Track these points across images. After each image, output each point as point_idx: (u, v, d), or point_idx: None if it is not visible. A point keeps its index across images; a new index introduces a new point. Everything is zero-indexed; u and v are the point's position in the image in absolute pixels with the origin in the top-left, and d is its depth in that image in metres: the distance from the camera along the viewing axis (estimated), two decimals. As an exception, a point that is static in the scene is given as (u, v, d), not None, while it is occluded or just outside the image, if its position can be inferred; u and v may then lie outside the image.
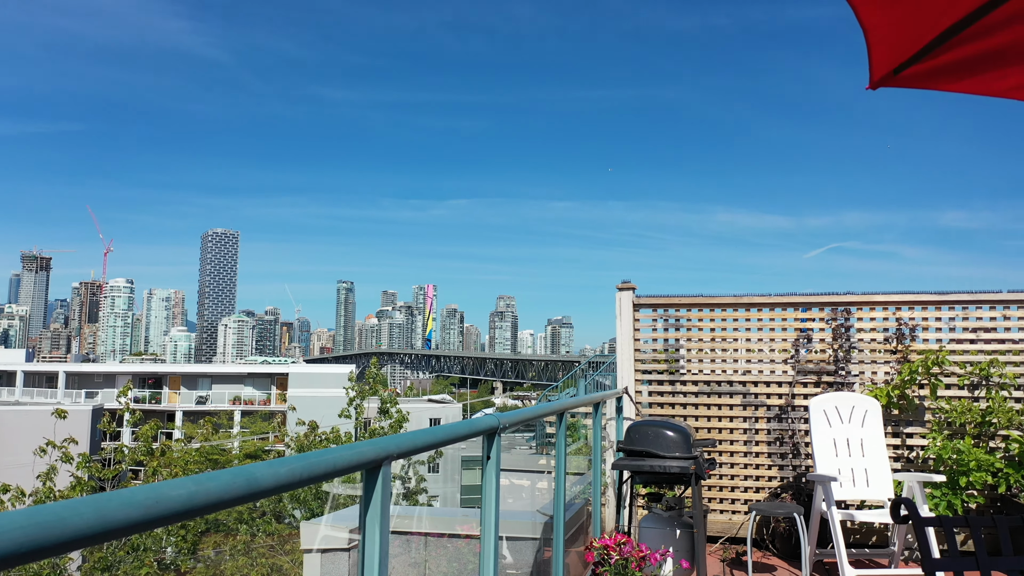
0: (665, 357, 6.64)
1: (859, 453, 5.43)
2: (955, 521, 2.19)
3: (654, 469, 4.36)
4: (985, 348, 6.09)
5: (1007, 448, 5.82)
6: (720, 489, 6.41)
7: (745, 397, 6.45)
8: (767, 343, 6.47)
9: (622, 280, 6.70)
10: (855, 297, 6.34)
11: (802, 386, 6.35)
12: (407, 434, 2.07)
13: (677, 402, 6.56)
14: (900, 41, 2.00)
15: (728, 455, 6.42)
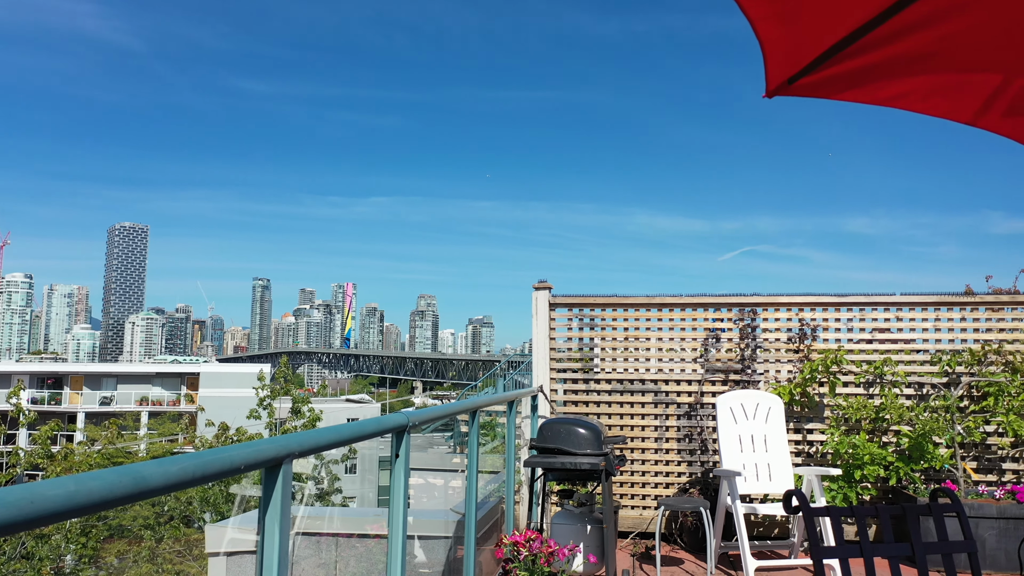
0: (580, 356, 6.74)
1: (763, 448, 5.63)
2: (841, 511, 2.31)
3: (565, 466, 4.42)
4: (880, 348, 6.41)
5: (898, 443, 6.14)
6: (632, 485, 6.55)
7: (656, 395, 6.60)
8: (678, 342, 6.64)
9: (539, 280, 6.76)
10: (761, 298, 6.57)
11: (711, 384, 6.55)
12: (310, 432, 2.04)
13: (591, 400, 6.67)
14: (793, 54, 2.09)
15: (640, 452, 6.56)
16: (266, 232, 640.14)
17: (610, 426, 6.61)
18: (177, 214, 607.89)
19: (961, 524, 2.40)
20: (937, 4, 2.06)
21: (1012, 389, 6.01)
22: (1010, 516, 5.48)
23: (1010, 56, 2.28)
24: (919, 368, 6.33)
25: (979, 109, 2.41)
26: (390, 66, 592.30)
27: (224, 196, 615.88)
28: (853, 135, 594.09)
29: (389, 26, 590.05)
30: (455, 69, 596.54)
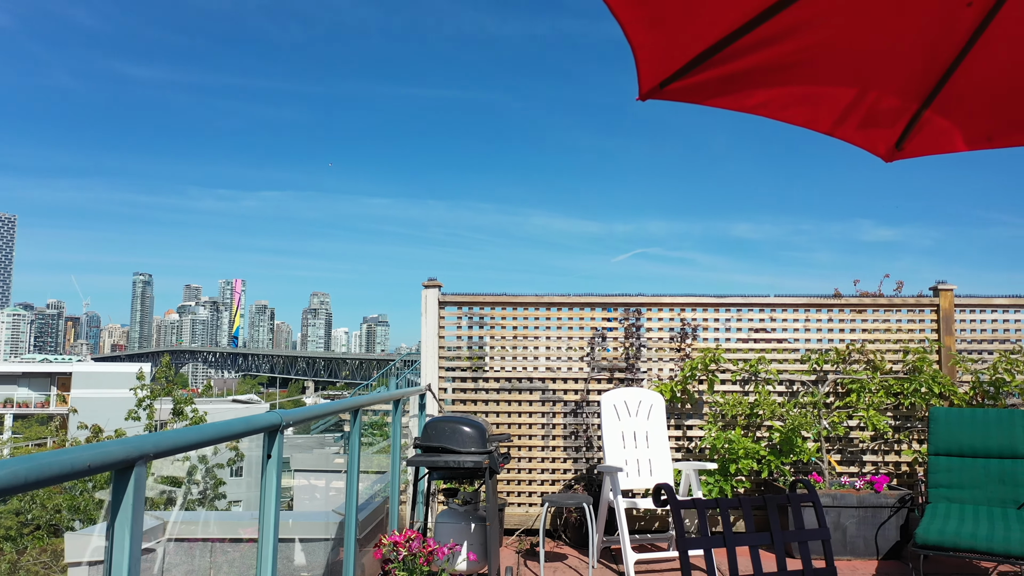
0: (469, 354, 6.74)
1: (644, 445, 5.79)
2: (707, 504, 2.39)
3: (448, 465, 4.41)
4: (755, 347, 6.71)
5: (770, 437, 6.44)
6: (519, 483, 6.60)
7: (544, 393, 6.68)
8: (566, 341, 6.74)
9: (428, 278, 6.72)
10: (645, 299, 6.76)
11: (596, 382, 6.68)
12: (167, 432, 1.94)
13: (480, 399, 6.68)
14: (664, 58, 2.15)
15: (527, 449, 6.62)
16: (149, 225, 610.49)
17: (498, 424, 6.64)
18: (49, 204, 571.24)
19: (816, 513, 2.54)
20: (797, 17, 2.16)
21: (872, 386, 6.41)
22: (868, 505, 5.84)
23: (864, 70, 2.42)
24: (790, 366, 6.67)
25: (836, 120, 2.55)
26: (285, 57, 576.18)
27: (103, 186, 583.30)
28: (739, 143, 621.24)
29: (284, 15, 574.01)
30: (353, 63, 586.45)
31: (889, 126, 2.61)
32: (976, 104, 2.50)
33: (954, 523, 4.82)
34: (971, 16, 2.24)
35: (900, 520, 5.86)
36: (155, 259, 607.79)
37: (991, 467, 5.39)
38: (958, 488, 5.41)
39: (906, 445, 6.58)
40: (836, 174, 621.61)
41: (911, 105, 2.54)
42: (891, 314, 6.74)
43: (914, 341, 6.65)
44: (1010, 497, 5.24)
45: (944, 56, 2.37)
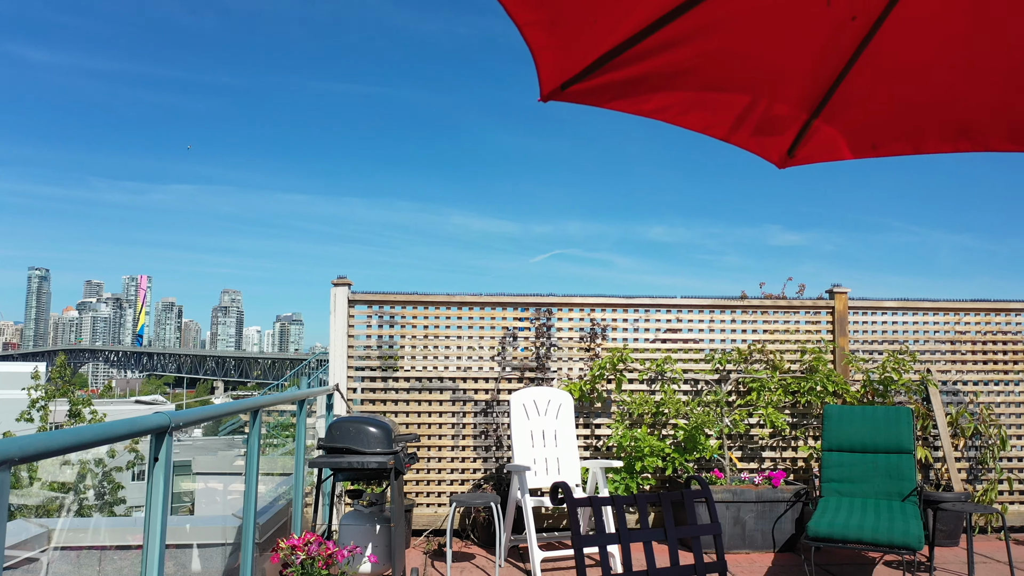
0: (379, 354, 6.66)
1: (553, 443, 5.84)
2: (602, 501, 2.42)
3: (352, 466, 4.33)
4: (662, 347, 6.86)
5: (675, 435, 6.60)
6: (428, 483, 6.56)
7: (455, 393, 6.66)
8: (477, 340, 6.74)
9: (338, 275, 6.60)
10: (556, 299, 6.82)
11: (507, 382, 6.70)
12: (38, 435, 1.83)
13: (390, 398, 6.60)
14: (563, 60, 2.16)
15: (437, 449, 6.59)
16: (47, 217, 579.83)
17: (408, 424, 6.58)
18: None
19: (709, 509, 2.60)
20: (694, 24, 2.21)
21: (772, 385, 6.65)
22: (766, 499, 6.05)
23: (757, 78, 2.50)
24: (696, 366, 6.85)
25: (732, 126, 2.62)
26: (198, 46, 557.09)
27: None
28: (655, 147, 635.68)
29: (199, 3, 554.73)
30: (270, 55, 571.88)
31: (781, 133, 2.70)
32: (861, 114, 2.61)
33: (843, 516, 5.04)
34: (855, 30, 2.34)
35: (795, 514, 6.10)
36: (53, 253, 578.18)
37: (879, 462, 5.67)
38: (848, 482, 5.66)
39: (802, 442, 6.85)
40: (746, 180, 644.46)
41: (801, 114, 2.63)
42: (790, 316, 7.00)
43: (811, 342, 6.93)
44: (895, 490, 5.51)
45: (831, 67, 2.47)
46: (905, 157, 2.78)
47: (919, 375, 6.88)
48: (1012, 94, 2.42)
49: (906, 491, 5.47)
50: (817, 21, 2.29)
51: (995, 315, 7.13)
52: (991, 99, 2.45)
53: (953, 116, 2.55)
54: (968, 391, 7.00)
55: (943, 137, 2.63)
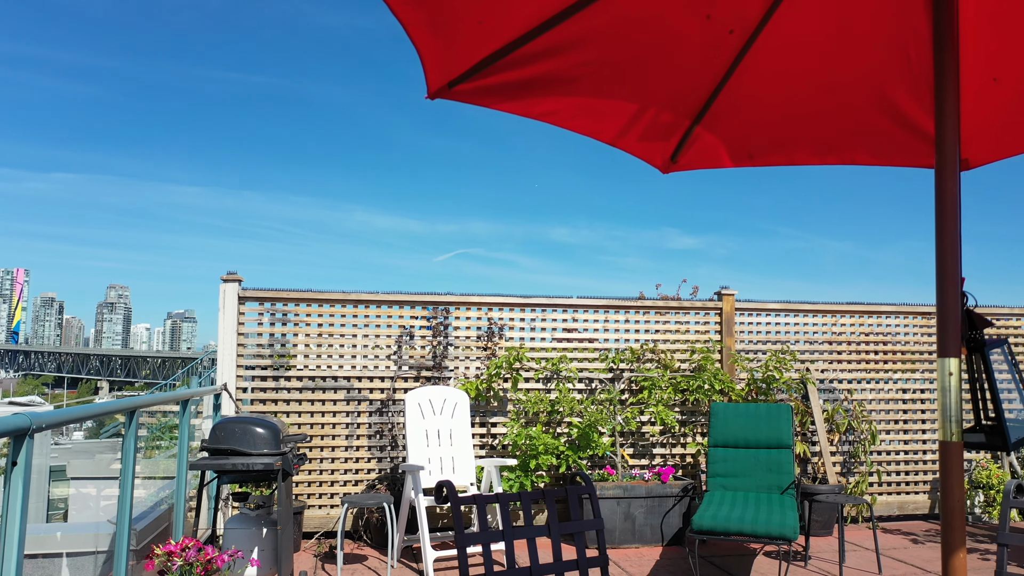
0: (271, 352, 6.48)
1: (448, 443, 5.83)
2: (486, 499, 2.44)
3: (237, 467, 4.20)
4: (558, 346, 6.96)
5: (569, 433, 6.71)
6: (320, 484, 6.43)
7: (350, 392, 6.55)
8: (373, 339, 6.65)
9: (228, 271, 6.39)
10: (454, 297, 6.81)
11: (404, 381, 6.65)
12: None
13: (281, 398, 6.44)
14: (449, 60, 2.16)
15: (330, 450, 6.47)
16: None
17: (300, 425, 6.44)
18: None
19: (592, 505, 2.66)
20: (580, 31, 2.25)
21: (662, 383, 6.85)
22: (656, 495, 6.23)
23: (642, 85, 2.56)
24: (590, 365, 6.98)
25: (619, 132, 2.68)
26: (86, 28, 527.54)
27: None
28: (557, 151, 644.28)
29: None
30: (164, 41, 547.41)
31: (665, 140, 2.78)
32: (738, 124, 2.72)
33: (726, 509, 5.25)
34: (733, 43, 2.44)
35: (683, 508, 6.30)
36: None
37: (760, 457, 5.93)
38: (732, 477, 5.90)
39: (691, 438, 7.09)
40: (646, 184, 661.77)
41: (684, 121, 2.72)
42: (681, 316, 7.23)
43: (701, 342, 7.18)
44: (775, 484, 5.78)
45: (711, 78, 2.56)
46: (794, 167, 2.92)
47: (799, 374, 7.23)
48: (872, 113, 2.57)
49: (785, 484, 5.74)
50: (698, 33, 2.37)
51: (869, 317, 7.57)
52: (854, 116, 2.60)
53: (821, 131, 2.69)
54: (843, 389, 7.41)
55: (813, 150, 2.77)
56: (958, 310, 1.69)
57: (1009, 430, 1.79)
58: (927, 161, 2.67)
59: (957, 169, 1.75)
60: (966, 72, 2.42)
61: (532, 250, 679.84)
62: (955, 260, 1.70)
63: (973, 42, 2.33)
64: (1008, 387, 1.86)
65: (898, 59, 2.40)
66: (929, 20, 2.23)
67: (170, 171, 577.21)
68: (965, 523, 1.66)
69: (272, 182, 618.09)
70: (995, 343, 1.84)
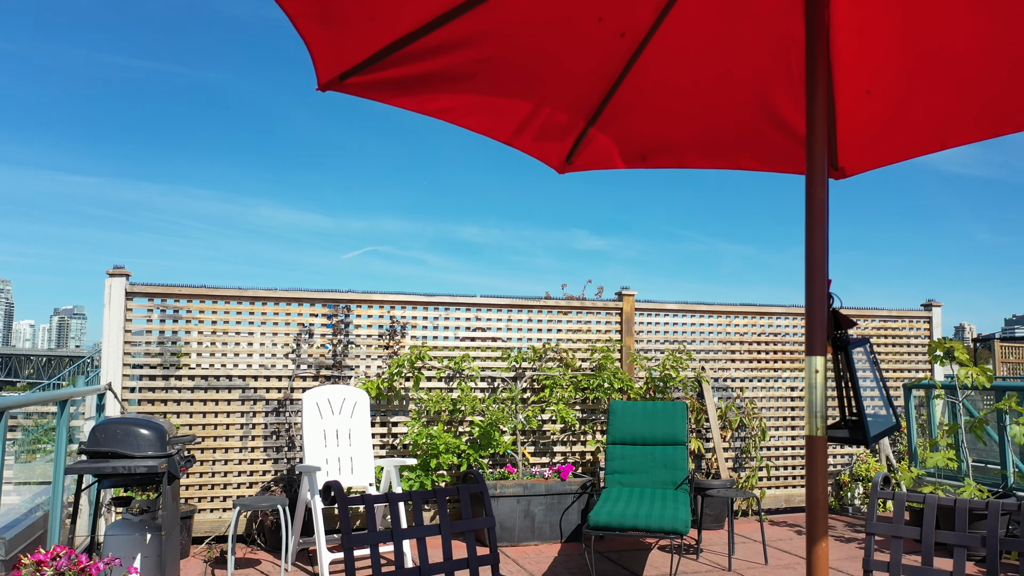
0: (161, 351, 6.20)
1: (347, 443, 5.73)
2: (375, 499, 2.40)
3: (118, 471, 3.99)
4: (460, 345, 6.94)
5: (471, 432, 6.70)
6: (212, 487, 6.21)
7: (245, 391, 6.35)
8: (271, 337, 6.47)
9: (114, 265, 6.08)
10: (355, 295, 6.70)
11: (302, 380, 6.49)
12: None
13: (172, 398, 6.18)
14: (340, 52, 2.11)
15: (223, 451, 6.25)
16: None
17: (191, 426, 6.19)
18: None
19: (484, 503, 2.65)
20: (475, 29, 2.24)
21: (563, 382, 6.93)
22: (555, 492, 6.30)
23: (538, 86, 2.58)
24: (493, 364, 6.99)
25: (514, 131, 2.69)
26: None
27: None
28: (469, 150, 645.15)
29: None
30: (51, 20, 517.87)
31: (560, 140, 2.81)
32: (631, 126, 2.78)
33: (622, 505, 5.35)
34: (625, 46, 2.48)
35: (582, 505, 6.40)
36: None
37: (656, 453, 6.08)
38: (629, 473, 6.03)
39: (591, 436, 7.20)
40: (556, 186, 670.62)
41: (578, 122, 2.76)
42: (583, 316, 7.34)
43: (602, 341, 7.31)
44: (670, 479, 5.94)
45: (605, 80, 2.60)
46: (698, 171, 3.00)
47: (695, 372, 7.46)
48: (757, 120, 2.67)
49: (679, 480, 5.91)
50: (591, 35, 2.40)
51: (760, 318, 7.88)
52: (740, 122, 2.69)
53: (710, 135, 2.77)
54: (736, 387, 7.69)
55: (702, 154, 2.85)
56: (825, 311, 1.77)
57: (869, 425, 1.89)
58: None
59: (825, 176, 1.83)
60: (842, 83, 2.55)
61: (442, 249, 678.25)
62: (823, 263, 1.78)
63: (848, 55, 2.45)
64: (869, 384, 1.97)
65: (780, 67, 2.50)
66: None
67: (59, 159, 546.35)
68: (828, 514, 1.74)
69: (171, 174, 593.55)
70: (858, 342, 1.94)
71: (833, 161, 2.84)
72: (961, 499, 2.49)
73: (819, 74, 1.87)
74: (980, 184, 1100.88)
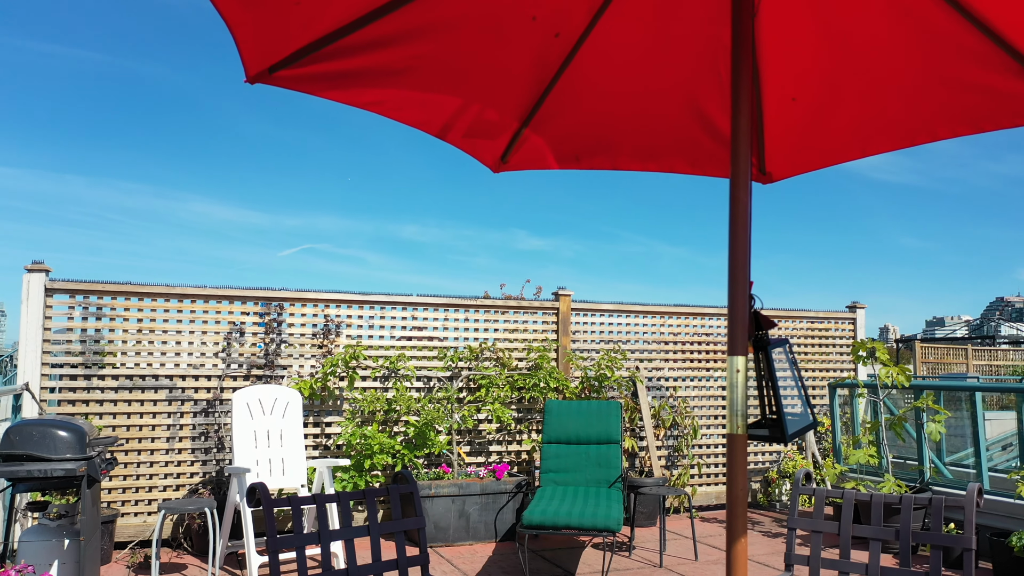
0: (83, 350, 5.98)
1: (278, 444, 5.62)
2: (302, 501, 2.36)
3: (32, 474, 3.82)
4: (396, 344, 6.88)
5: (406, 432, 6.65)
6: (137, 490, 6.01)
7: (172, 392, 6.17)
8: (200, 336, 6.30)
9: (33, 260, 5.84)
10: (289, 293, 6.57)
11: (232, 380, 6.34)
12: None
13: (95, 399, 5.96)
14: (270, 44, 2.07)
15: (149, 453, 6.06)
16: None
17: (115, 427, 5.99)
18: None
19: (415, 503, 2.63)
20: (407, 24, 2.22)
21: (500, 381, 6.94)
22: (490, 492, 6.30)
23: (472, 83, 2.57)
24: (429, 363, 6.95)
25: (445, 125, 2.67)
26: None
27: None
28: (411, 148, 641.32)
29: None
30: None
31: (494, 139, 2.81)
32: (565, 127, 2.79)
33: (555, 504, 5.38)
34: (559, 47, 2.50)
35: (517, 504, 6.41)
36: None
37: (591, 452, 6.13)
38: (564, 472, 6.07)
39: (527, 435, 7.22)
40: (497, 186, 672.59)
41: (512, 122, 2.76)
42: (520, 316, 7.36)
43: (538, 341, 7.34)
44: (604, 478, 6.00)
45: (539, 80, 2.61)
46: (637, 173, 3.02)
47: (629, 372, 7.55)
48: (688, 123, 2.72)
49: (613, 478, 5.98)
50: (525, 35, 2.41)
51: (694, 318, 8.03)
52: (671, 125, 2.73)
53: (642, 137, 2.81)
54: (670, 386, 7.81)
55: (635, 156, 2.88)
56: (746, 311, 1.81)
57: (787, 424, 1.94)
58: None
59: (749, 180, 1.87)
60: (769, 90, 2.61)
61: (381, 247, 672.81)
62: (745, 265, 1.82)
63: (775, 63, 2.51)
64: (788, 384, 2.02)
65: (710, 73, 2.54)
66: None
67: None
68: (747, 510, 1.78)
69: (98, 166, 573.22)
70: (777, 343, 1.99)
71: (761, 166, 2.91)
72: (877, 494, 2.58)
73: (744, 80, 1.91)
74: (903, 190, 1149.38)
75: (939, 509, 2.46)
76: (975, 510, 2.35)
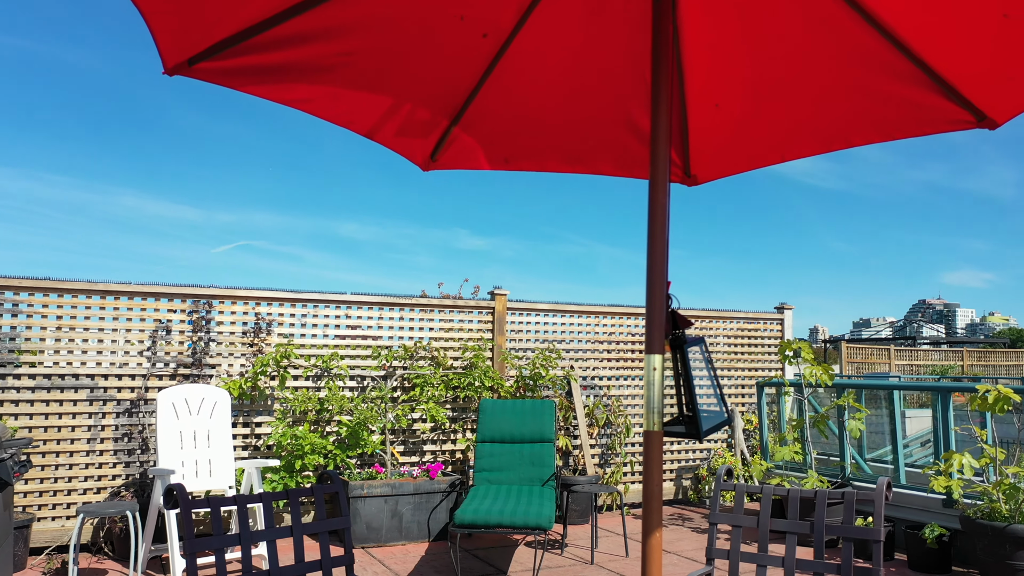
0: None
1: (205, 444, 5.49)
2: (222, 502, 2.31)
3: (-62, 478, 3.67)
4: (329, 343, 6.79)
5: (339, 432, 6.57)
6: (54, 493, 5.80)
7: (93, 391, 5.97)
8: (124, 334, 6.11)
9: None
10: (218, 291, 6.43)
11: (158, 379, 6.17)
12: None
13: (9, 399, 5.72)
14: (188, 35, 2.02)
15: (68, 455, 5.85)
16: None
17: (31, 428, 5.76)
18: None
19: (342, 504, 2.61)
20: (331, 21, 2.20)
21: (434, 380, 6.91)
22: (424, 491, 6.27)
23: (401, 82, 2.56)
24: (363, 362, 6.89)
25: (375, 124, 2.66)
26: None
27: None
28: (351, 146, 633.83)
29: None
30: None
31: (424, 137, 2.80)
32: (494, 127, 2.80)
33: (488, 503, 5.40)
34: (488, 47, 2.50)
35: (450, 503, 6.40)
36: None
37: (524, 451, 6.16)
38: (497, 471, 6.08)
39: (461, 434, 7.22)
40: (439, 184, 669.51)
41: (442, 121, 2.76)
42: (455, 315, 7.35)
43: (474, 340, 7.34)
44: (537, 476, 6.04)
45: (467, 79, 2.62)
46: (576, 175, 3.04)
47: (564, 371, 7.62)
48: (615, 126, 2.76)
49: (546, 477, 6.02)
50: (453, 34, 2.41)
51: (628, 319, 8.14)
52: (598, 128, 2.77)
53: (569, 140, 2.84)
54: (604, 385, 7.91)
55: (562, 158, 2.91)
56: (663, 311, 1.85)
57: (702, 420, 1.99)
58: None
59: (667, 183, 1.91)
60: (693, 95, 2.67)
61: (319, 245, 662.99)
62: (662, 265, 1.86)
63: (699, 69, 2.57)
64: (703, 382, 2.07)
65: (636, 76, 2.59)
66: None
67: None
68: (662, 505, 1.82)
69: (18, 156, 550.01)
70: (694, 341, 2.04)
71: (686, 169, 2.98)
72: (793, 490, 2.66)
73: (663, 85, 1.95)
74: (831, 195, 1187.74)
75: (851, 503, 2.56)
76: (884, 504, 2.45)
